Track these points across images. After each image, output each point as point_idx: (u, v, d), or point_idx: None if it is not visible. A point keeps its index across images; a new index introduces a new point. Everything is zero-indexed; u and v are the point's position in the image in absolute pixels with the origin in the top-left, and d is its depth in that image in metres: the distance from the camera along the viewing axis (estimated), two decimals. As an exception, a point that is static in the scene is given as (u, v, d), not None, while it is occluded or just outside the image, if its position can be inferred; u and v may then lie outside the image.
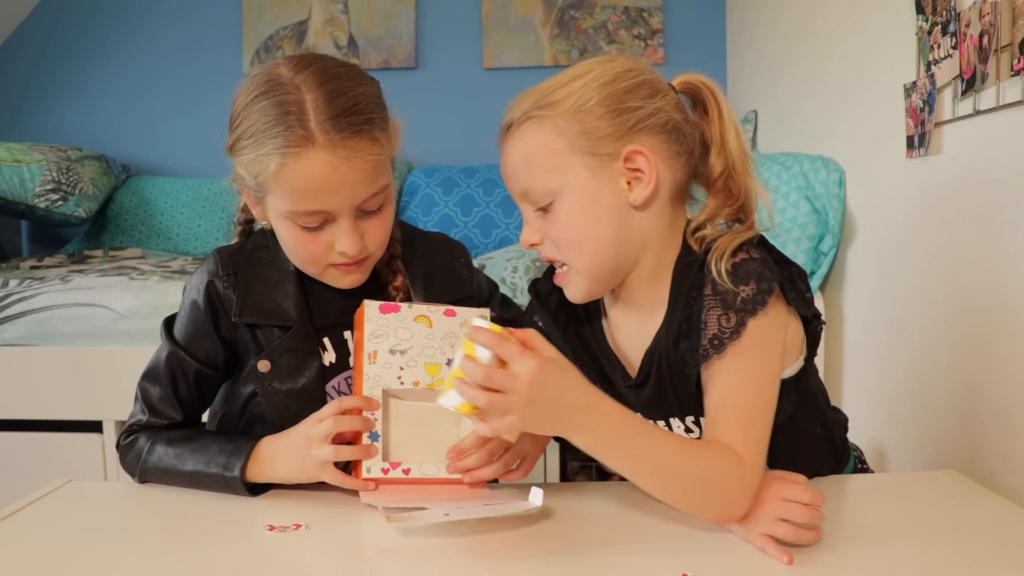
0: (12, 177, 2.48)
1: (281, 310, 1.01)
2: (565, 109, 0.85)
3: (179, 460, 0.98)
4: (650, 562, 0.78)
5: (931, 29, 1.30)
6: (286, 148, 0.88)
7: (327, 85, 0.90)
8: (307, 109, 0.88)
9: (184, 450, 0.98)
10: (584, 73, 0.86)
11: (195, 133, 3.05)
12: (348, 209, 0.92)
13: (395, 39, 3.00)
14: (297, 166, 0.88)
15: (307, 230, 0.94)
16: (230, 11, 3.03)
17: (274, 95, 0.90)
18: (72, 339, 1.93)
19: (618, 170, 0.85)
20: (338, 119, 0.88)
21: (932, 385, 1.31)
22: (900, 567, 0.77)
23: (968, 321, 1.21)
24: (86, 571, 0.79)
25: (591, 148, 0.85)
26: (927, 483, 1.02)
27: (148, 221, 2.80)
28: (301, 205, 0.91)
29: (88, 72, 3.07)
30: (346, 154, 0.89)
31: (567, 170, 0.85)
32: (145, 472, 1.00)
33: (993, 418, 1.14)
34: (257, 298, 1.01)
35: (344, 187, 0.90)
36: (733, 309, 0.81)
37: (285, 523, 0.88)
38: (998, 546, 0.82)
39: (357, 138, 0.89)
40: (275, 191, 0.92)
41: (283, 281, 1.02)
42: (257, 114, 0.90)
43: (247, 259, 1.04)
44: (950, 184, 1.27)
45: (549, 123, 0.85)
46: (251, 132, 0.91)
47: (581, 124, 0.84)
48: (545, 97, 0.86)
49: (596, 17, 2.94)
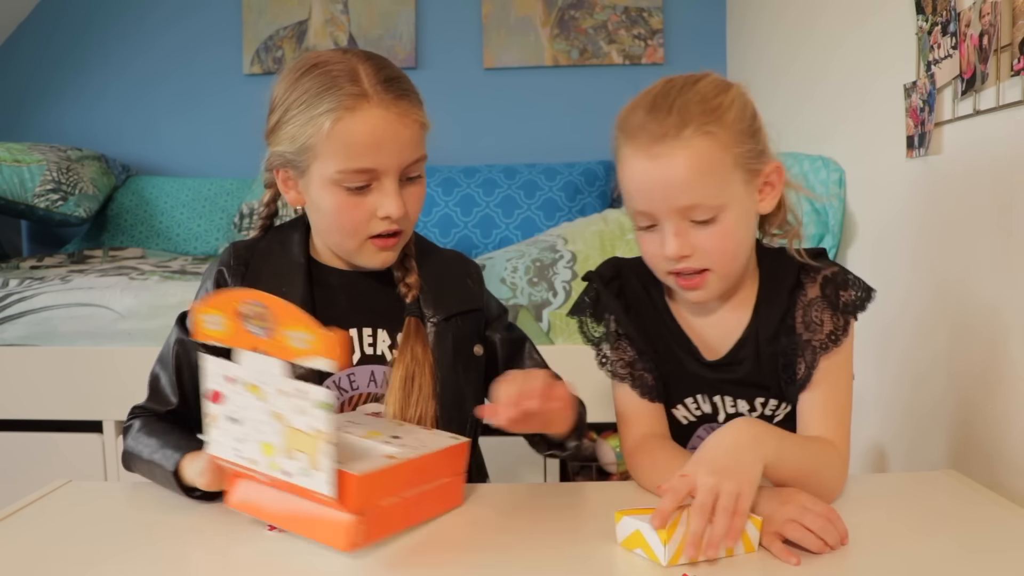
0: (12, 177, 2.48)
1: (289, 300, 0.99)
2: (730, 125, 0.90)
3: (144, 447, 0.98)
4: (650, 562, 0.78)
5: (931, 29, 1.30)
6: (341, 105, 0.93)
7: (374, 59, 0.97)
8: (360, 73, 0.95)
9: (154, 439, 0.98)
10: (729, 87, 0.93)
11: (195, 133, 3.05)
12: (395, 169, 0.96)
13: (395, 39, 3.00)
14: (352, 121, 0.93)
15: (353, 194, 0.95)
16: (230, 11, 3.03)
17: (326, 66, 0.95)
18: (72, 339, 1.93)
19: (757, 183, 0.94)
20: (390, 83, 0.95)
21: (931, 384, 1.31)
22: (900, 567, 0.77)
23: (968, 321, 1.21)
24: (86, 571, 0.79)
25: (747, 164, 0.91)
26: (927, 483, 1.02)
27: (148, 221, 2.80)
28: (353, 162, 0.94)
29: (88, 72, 3.07)
30: (398, 112, 0.95)
31: (730, 185, 0.90)
32: (124, 455, 1.01)
33: (993, 418, 1.14)
34: (262, 288, 0.99)
35: (395, 144, 0.95)
36: (840, 311, 0.93)
37: (285, 523, 0.89)
38: (998, 546, 0.82)
39: (406, 100, 0.96)
40: (326, 153, 0.94)
41: (291, 273, 1.02)
42: (310, 82, 0.95)
43: (261, 251, 1.05)
44: (950, 184, 1.27)
45: (720, 139, 0.89)
46: (303, 99, 0.95)
47: (742, 143, 0.90)
48: (711, 111, 0.89)
49: (596, 17, 2.94)
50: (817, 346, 0.94)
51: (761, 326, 0.97)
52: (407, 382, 1.02)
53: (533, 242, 2.01)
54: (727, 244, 0.91)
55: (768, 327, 0.96)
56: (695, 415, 1.02)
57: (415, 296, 1.05)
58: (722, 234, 0.90)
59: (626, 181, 0.93)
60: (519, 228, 2.57)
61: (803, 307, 0.95)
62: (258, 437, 0.73)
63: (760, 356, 0.97)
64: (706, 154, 0.88)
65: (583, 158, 2.83)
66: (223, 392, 0.73)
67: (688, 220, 0.90)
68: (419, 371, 1.02)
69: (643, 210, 0.92)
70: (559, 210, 2.60)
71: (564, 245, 1.90)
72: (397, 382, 1.02)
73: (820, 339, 0.94)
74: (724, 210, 0.90)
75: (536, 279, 1.82)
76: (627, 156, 0.91)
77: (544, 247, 1.93)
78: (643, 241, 0.95)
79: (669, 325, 1.01)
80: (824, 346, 0.93)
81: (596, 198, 2.65)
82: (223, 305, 0.75)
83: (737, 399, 1.00)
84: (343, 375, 1.02)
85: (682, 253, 0.91)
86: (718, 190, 0.89)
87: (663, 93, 0.91)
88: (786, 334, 0.96)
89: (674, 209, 0.89)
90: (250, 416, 0.73)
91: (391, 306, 1.05)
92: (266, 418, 0.72)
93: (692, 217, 0.90)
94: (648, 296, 1.02)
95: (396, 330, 1.04)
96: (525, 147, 2.95)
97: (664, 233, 0.91)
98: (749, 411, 1.00)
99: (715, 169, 0.89)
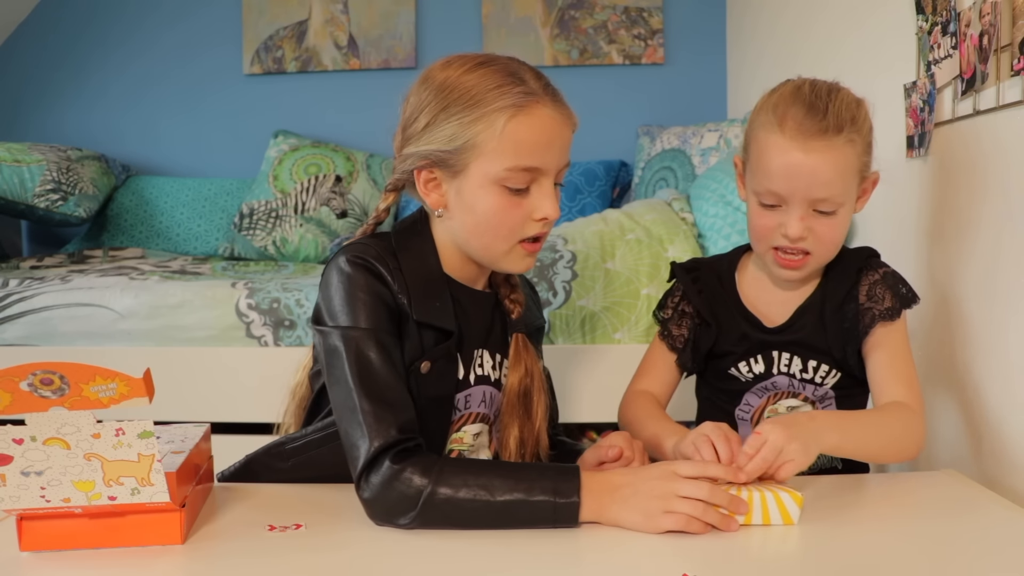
0: (12, 177, 2.48)
1: (445, 313, 0.98)
2: (864, 136, 1.04)
3: (481, 489, 0.85)
4: (650, 562, 0.78)
5: (931, 29, 1.30)
6: (515, 103, 0.93)
7: (526, 64, 0.99)
8: (525, 75, 0.96)
9: (484, 476, 0.86)
10: (862, 101, 1.05)
11: (195, 133, 3.05)
12: (555, 169, 0.98)
13: (395, 39, 3.00)
14: (527, 119, 0.94)
15: (513, 195, 0.95)
16: (230, 11, 3.03)
17: (494, 64, 0.96)
18: (72, 339, 1.93)
19: (861, 188, 1.07)
20: (550, 87, 0.98)
21: (931, 385, 1.31)
22: (900, 567, 0.77)
23: (968, 321, 1.21)
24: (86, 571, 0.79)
25: (862, 172, 1.05)
26: (927, 483, 1.02)
27: (148, 221, 2.80)
28: (523, 160, 0.94)
29: (88, 72, 3.07)
30: (562, 113, 0.97)
31: (851, 187, 1.04)
32: (432, 505, 0.85)
33: (993, 418, 1.14)
34: (415, 299, 0.96)
35: (559, 143, 0.97)
36: (899, 297, 1.07)
37: (285, 523, 0.88)
38: (998, 546, 0.82)
39: (565, 105, 0.99)
40: (495, 150, 0.94)
41: (437, 285, 0.99)
42: (474, 81, 0.95)
43: (404, 258, 0.98)
44: (950, 184, 1.27)
45: (858, 148, 1.03)
46: (467, 98, 0.94)
47: (868, 154, 1.05)
48: (855, 122, 1.02)
49: (596, 17, 2.94)
50: (877, 314, 1.06)
51: (829, 295, 1.09)
52: (523, 398, 1.03)
53: (533, 242, 2.01)
54: (836, 235, 1.05)
55: (837, 296, 1.09)
56: (754, 373, 1.13)
57: (520, 312, 1.06)
58: (835, 225, 1.04)
59: (771, 164, 1.03)
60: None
61: (868, 284, 1.09)
62: (69, 479, 0.80)
63: (824, 321, 1.09)
64: (848, 158, 1.02)
65: (583, 158, 2.83)
66: (11, 455, 0.79)
67: (813, 209, 1.03)
68: (534, 386, 1.04)
69: (778, 191, 1.03)
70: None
71: (564, 245, 1.90)
72: (513, 399, 1.03)
73: (880, 309, 1.06)
74: (843, 206, 1.03)
75: (536, 279, 1.82)
76: (779, 143, 1.02)
77: (544, 247, 1.93)
78: (760, 215, 1.06)
79: (735, 305, 1.15)
80: (883, 315, 1.06)
81: (596, 198, 2.65)
82: (2, 383, 0.79)
83: (793, 356, 1.11)
84: (461, 396, 1.01)
85: (802, 235, 1.03)
86: (845, 188, 1.03)
87: (815, 94, 1.04)
88: (851, 302, 1.09)
89: (809, 198, 1.02)
90: (55, 464, 0.80)
91: (493, 326, 1.06)
92: (78, 462, 0.80)
93: (818, 207, 1.03)
94: (720, 282, 1.16)
95: (495, 349, 1.05)
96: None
97: (789, 215, 1.03)
98: (801, 371, 1.11)
99: (849, 171, 1.02)
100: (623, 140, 2.89)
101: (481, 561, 0.80)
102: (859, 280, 1.09)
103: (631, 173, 2.77)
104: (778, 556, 0.81)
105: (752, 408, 1.13)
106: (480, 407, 1.04)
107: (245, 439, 1.33)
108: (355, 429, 0.88)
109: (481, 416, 1.04)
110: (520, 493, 0.84)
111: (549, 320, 1.81)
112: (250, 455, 1.08)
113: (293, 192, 2.67)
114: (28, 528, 0.84)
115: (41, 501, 0.81)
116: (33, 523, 0.84)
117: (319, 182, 2.68)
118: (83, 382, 0.79)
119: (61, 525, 0.84)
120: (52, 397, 0.78)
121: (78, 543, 0.84)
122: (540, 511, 0.84)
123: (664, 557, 0.79)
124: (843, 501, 0.95)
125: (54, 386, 0.78)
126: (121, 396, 0.79)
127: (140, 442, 0.79)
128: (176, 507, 0.84)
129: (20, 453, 0.79)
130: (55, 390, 0.78)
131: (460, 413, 1.02)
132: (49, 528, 0.84)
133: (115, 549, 0.84)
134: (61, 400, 0.79)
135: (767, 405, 1.12)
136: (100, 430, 0.79)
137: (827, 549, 0.82)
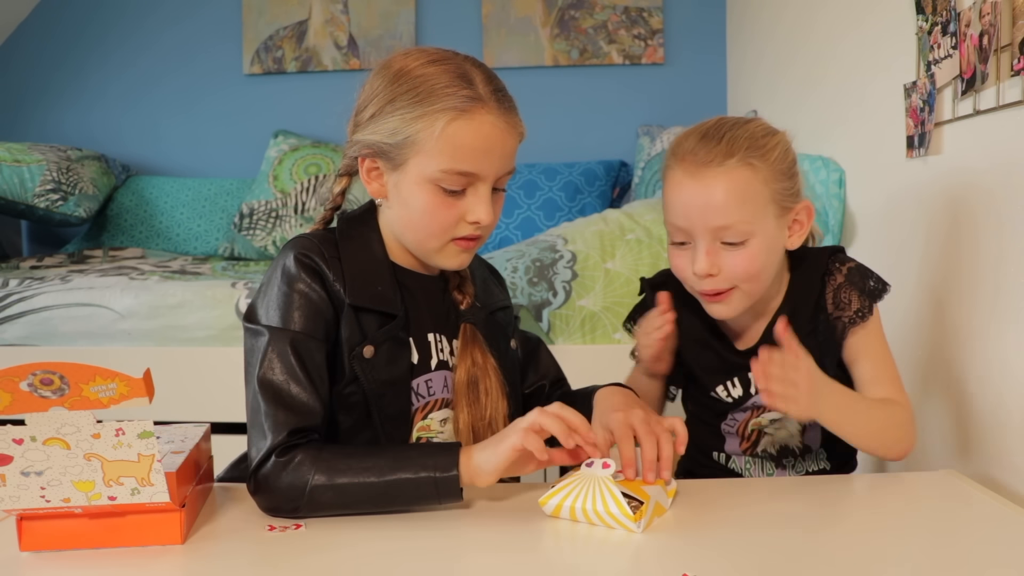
0: (12, 177, 2.48)
1: (386, 297, 0.99)
2: (772, 163, 1.00)
3: (362, 472, 0.88)
4: (650, 562, 0.78)
5: (931, 29, 1.30)
6: (457, 106, 0.93)
7: (481, 66, 0.99)
8: (474, 77, 0.96)
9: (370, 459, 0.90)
10: (775, 132, 1.03)
11: (195, 133, 3.05)
12: (493, 176, 0.97)
13: (395, 39, 3.00)
14: (468, 124, 0.94)
15: (448, 196, 0.95)
16: (230, 11, 3.03)
17: (440, 65, 0.96)
18: (72, 339, 1.93)
19: (788, 220, 1.03)
20: (499, 93, 0.98)
21: (931, 385, 1.31)
22: (900, 567, 0.77)
23: (968, 321, 1.21)
24: (86, 571, 0.79)
25: (782, 201, 1.01)
26: (927, 483, 1.02)
27: (148, 221, 2.81)
28: (458, 164, 0.94)
29: (88, 72, 3.07)
30: (507, 122, 0.97)
31: (763, 218, 1.00)
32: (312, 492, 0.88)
33: (993, 418, 1.14)
34: (356, 285, 0.98)
35: (500, 151, 0.97)
36: (867, 294, 1.04)
37: (285, 523, 0.89)
38: (998, 546, 0.82)
39: (514, 112, 0.99)
40: (431, 151, 0.94)
41: (380, 271, 1.01)
42: (422, 77, 0.95)
43: (346, 246, 1.00)
44: (950, 184, 1.27)
45: (761, 174, 0.99)
46: (413, 94, 0.94)
47: (780, 181, 1.00)
48: (756, 148, 0.99)
49: (596, 17, 2.94)
50: (847, 321, 1.04)
51: (798, 308, 1.06)
52: (471, 387, 1.03)
53: (533, 242, 2.01)
54: (751, 267, 1.00)
55: (806, 308, 1.06)
56: (733, 397, 1.11)
57: (470, 303, 1.07)
58: (748, 257, 1.00)
59: (670, 198, 1.03)
60: (519, 228, 2.58)
61: (832, 291, 1.05)
62: (69, 479, 0.80)
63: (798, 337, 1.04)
64: (745, 183, 0.98)
65: (583, 158, 2.83)
66: (11, 455, 0.79)
67: (719, 241, 1.00)
68: (482, 375, 1.04)
69: (680, 226, 1.01)
70: (559, 210, 2.60)
71: (564, 245, 1.90)
72: (462, 388, 1.03)
73: (849, 315, 1.04)
74: (753, 236, 0.99)
75: (536, 279, 1.82)
76: (674, 176, 1.01)
77: (544, 247, 1.93)
78: (675, 256, 1.05)
79: (707, 321, 1.10)
80: (853, 320, 1.04)
81: (596, 198, 2.65)
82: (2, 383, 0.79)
83: None
84: (421, 381, 1.02)
85: (709, 272, 1.00)
86: (751, 217, 0.99)
87: (716, 126, 1.01)
88: (821, 312, 1.06)
89: (708, 228, 0.99)
90: (55, 464, 0.80)
91: (448, 312, 1.07)
92: (78, 462, 0.80)
93: (723, 238, 0.99)
94: (690, 297, 1.10)
95: (452, 336, 1.06)
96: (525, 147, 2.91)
97: (696, 251, 1.00)
98: None
99: (751, 198, 0.99)
100: (623, 140, 2.89)
101: (481, 563, 0.80)
102: (824, 287, 1.06)
103: (631, 173, 2.78)
104: (778, 556, 0.81)
105: (737, 423, 1.12)
106: (443, 392, 1.04)
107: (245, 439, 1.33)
108: (255, 429, 0.92)
109: (446, 402, 1.05)
110: (404, 472, 0.88)
111: (549, 320, 1.81)
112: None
113: (293, 192, 2.67)
114: (28, 528, 0.84)
115: (41, 501, 0.81)
116: (33, 523, 0.84)
117: (319, 182, 2.68)
118: (83, 382, 0.79)
119: (61, 525, 0.84)
120: (52, 397, 0.79)
121: (78, 543, 0.84)
122: (423, 488, 0.88)
123: (664, 557, 0.79)
124: (843, 501, 0.95)
125: (54, 386, 0.79)
126: (121, 396, 0.80)
127: (140, 442, 0.80)
128: (176, 507, 0.84)
129: (20, 453, 0.79)
130: (55, 390, 0.79)
131: (425, 399, 1.02)
132: (49, 528, 0.84)
133: (115, 549, 0.84)
134: (61, 400, 0.79)
135: (751, 419, 1.11)
136: (100, 430, 0.80)
137: (827, 549, 0.82)
